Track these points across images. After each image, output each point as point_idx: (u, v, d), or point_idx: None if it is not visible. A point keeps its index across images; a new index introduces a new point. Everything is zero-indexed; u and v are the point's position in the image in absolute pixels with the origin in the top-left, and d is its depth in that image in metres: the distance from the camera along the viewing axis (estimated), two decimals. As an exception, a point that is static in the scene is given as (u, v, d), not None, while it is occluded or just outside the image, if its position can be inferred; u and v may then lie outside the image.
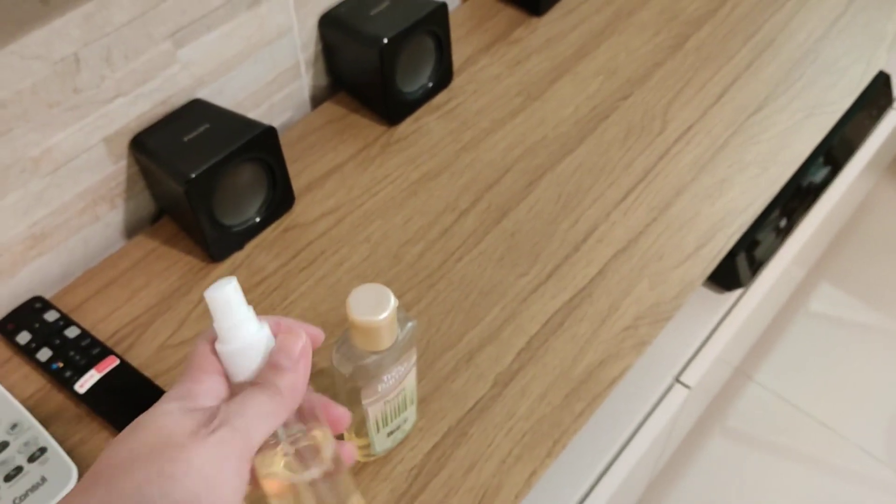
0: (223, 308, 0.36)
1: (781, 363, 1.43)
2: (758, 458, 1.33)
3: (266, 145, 0.67)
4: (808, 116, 0.82)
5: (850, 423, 1.36)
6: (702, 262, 0.71)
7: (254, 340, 0.37)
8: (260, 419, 0.35)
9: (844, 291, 1.53)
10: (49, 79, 0.60)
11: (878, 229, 1.63)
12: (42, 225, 0.66)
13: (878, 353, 1.45)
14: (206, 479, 0.31)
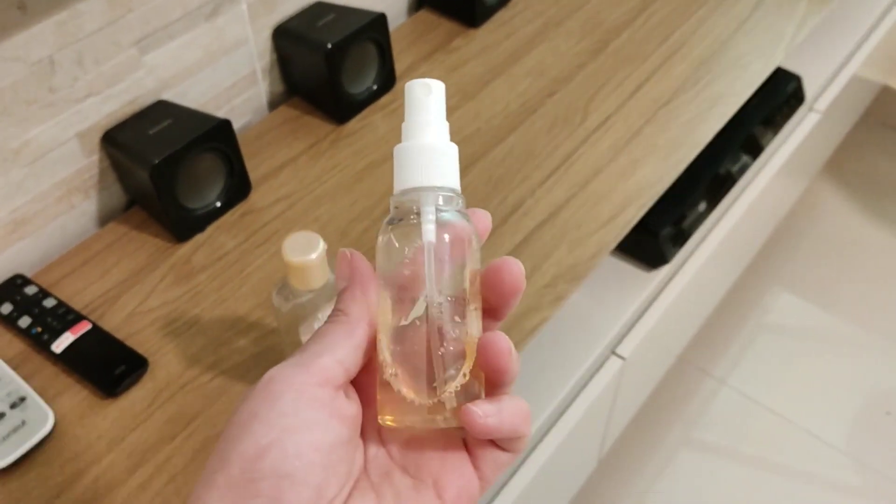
0: (419, 100, 0.32)
1: (738, 363, 1.51)
2: (717, 456, 1.40)
3: (222, 136, 0.76)
4: (713, 106, 0.92)
5: (811, 419, 1.44)
6: (615, 228, 0.79)
7: (439, 148, 0.32)
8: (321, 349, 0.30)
9: (796, 295, 1.62)
10: (27, 78, 0.69)
11: (825, 233, 1.73)
12: (22, 211, 0.74)
13: (829, 354, 1.54)
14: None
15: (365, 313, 0.31)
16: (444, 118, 0.33)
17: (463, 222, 0.32)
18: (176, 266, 0.77)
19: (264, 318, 0.72)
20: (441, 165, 0.32)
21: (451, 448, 0.32)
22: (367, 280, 0.32)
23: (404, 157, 0.32)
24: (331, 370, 0.29)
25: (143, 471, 0.63)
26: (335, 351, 0.30)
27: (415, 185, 0.31)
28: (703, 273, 1.10)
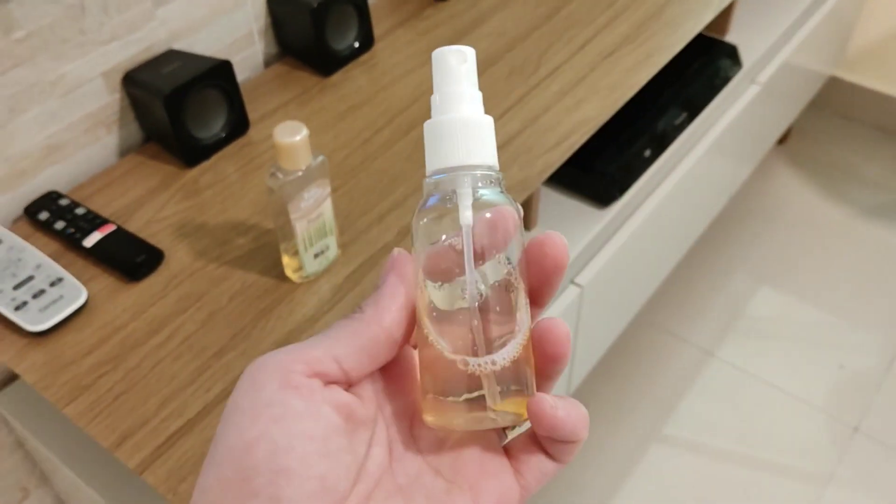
0: (449, 69, 0.31)
1: (710, 334, 1.64)
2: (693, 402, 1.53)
3: (224, 74, 0.90)
4: (649, 57, 1.06)
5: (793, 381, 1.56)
6: (560, 151, 0.93)
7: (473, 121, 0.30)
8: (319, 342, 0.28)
9: (756, 276, 1.75)
10: (62, 20, 0.83)
11: (783, 215, 1.87)
12: (56, 138, 0.88)
13: (793, 327, 1.67)
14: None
15: (382, 315, 0.29)
16: (476, 88, 0.31)
17: (503, 202, 0.30)
18: (185, 185, 0.90)
19: (261, 222, 0.86)
20: (477, 141, 0.30)
21: (490, 452, 0.30)
22: (398, 283, 0.30)
23: (437, 133, 0.30)
24: (322, 363, 0.27)
25: (161, 334, 0.76)
26: (333, 346, 0.28)
27: (450, 165, 0.30)
28: (656, 218, 1.23)
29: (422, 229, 0.30)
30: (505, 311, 0.29)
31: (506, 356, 0.29)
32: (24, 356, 0.74)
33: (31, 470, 1.05)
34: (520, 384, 0.29)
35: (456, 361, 0.29)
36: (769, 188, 1.92)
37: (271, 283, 0.79)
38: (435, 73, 0.31)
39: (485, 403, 0.29)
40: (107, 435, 0.68)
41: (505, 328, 0.29)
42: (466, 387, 0.29)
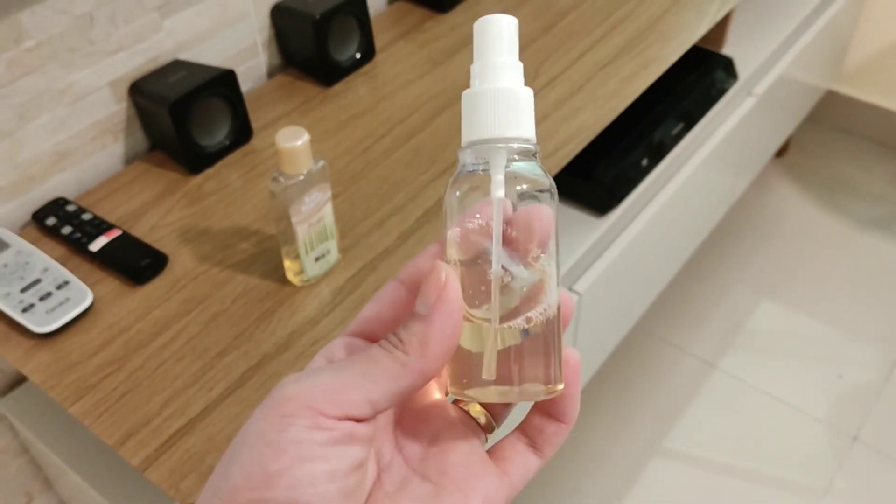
0: (490, 38, 0.30)
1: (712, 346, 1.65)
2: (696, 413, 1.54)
3: (228, 83, 0.92)
4: (645, 67, 1.08)
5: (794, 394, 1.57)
6: (557, 158, 0.94)
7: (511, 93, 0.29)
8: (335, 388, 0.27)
9: (755, 288, 1.77)
10: (71, 29, 0.85)
11: (782, 228, 1.89)
12: (65, 145, 0.90)
13: (792, 339, 1.68)
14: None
15: (426, 362, 0.27)
16: (517, 58, 0.30)
17: (539, 174, 0.29)
18: (189, 192, 0.92)
19: (263, 227, 0.87)
20: (514, 113, 0.29)
21: (475, 453, 0.30)
22: (448, 322, 0.28)
23: (474, 103, 0.29)
24: (358, 408, 0.27)
25: (165, 336, 0.77)
26: (372, 390, 0.27)
27: (485, 137, 0.29)
28: (654, 227, 1.25)
29: (456, 201, 0.30)
30: (533, 293, 0.29)
31: (532, 315, 0.29)
32: (30, 357, 0.76)
33: (35, 475, 1.06)
34: (545, 356, 0.30)
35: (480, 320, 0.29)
36: (768, 200, 1.93)
37: (273, 287, 0.81)
38: (476, 42, 0.30)
39: (510, 377, 0.29)
40: (111, 433, 0.69)
41: (532, 304, 0.29)
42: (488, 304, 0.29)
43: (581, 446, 1.47)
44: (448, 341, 0.28)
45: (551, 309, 0.30)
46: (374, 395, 0.27)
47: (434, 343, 0.27)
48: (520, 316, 0.29)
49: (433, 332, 0.28)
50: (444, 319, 0.28)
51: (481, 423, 0.33)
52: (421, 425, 0.31)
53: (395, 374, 0.27)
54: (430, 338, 0.27)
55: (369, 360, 0.27)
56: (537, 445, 0.32)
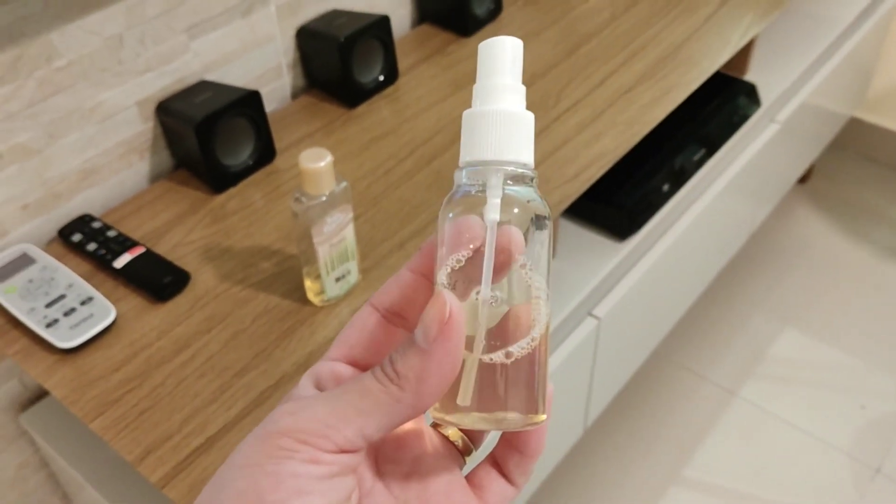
0: (494, 60, 0.30)
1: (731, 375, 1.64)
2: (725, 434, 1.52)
3: (252, 104, 0.93)
4: (666, 94, 1.08)
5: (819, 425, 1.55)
6: (578, 183, 0.95)
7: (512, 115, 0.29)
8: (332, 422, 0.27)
9: (778, 315, 1.75)
10: (101, 50, 0.86)
11: (806, 254, 1.87)
12: (92, 162, 0.91)
13: (814, 368, 1.66)
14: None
15: (422, 399, 0.27)
16: (520, 81, 0.30)
17: (534, 200, 0.30)
18: (213, 210, 0.93)
19: (284, 247, 0.88)
20: (514, 137, 0.29)
21: (455, 481, 0.31)
22: (448, 359, 0.27)
23: (473, 123, 0.29)
24: (352, 443, 0.27)
25: (186, 353, 0.78)
26: (365, 425, 0.27)
27: (482, 158, 0.29)
28: (674, 253, 1.24)
29: (449, 223, 0.30)
30: (519, 318, 0.29)
31: (513, 350, 0.29)
32: (53, 372, 0.76)
33: (53, 490, 1.07)
34: (525, 387, 0.29)
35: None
36: (790, 227, 1.92)
37: (293, 306, 0.81)
38: (479, 63, 0.30)
39: (490, 405, 0.29)
40: (131, 449, 0.70)
41: (517, 332, 0.29)
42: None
43: (598, 473, 1.46)
44: (447, 379, 0.27)
45: (535, 341, 0.29)
46: (367, 430, 0.27)
47: (432, 380, 0.27)
48: (501, 349, 0.29)
49: (432, 369, 0.27)
50: (444, 357, 0.27)
51: (458, 446, 0.33)
52: (400, 451, 0.31)
53: (388, 408, 0.27)
54: (429, 374, 0.27)
55: (363, 394, 0.27)
56: (507, 475, 0.31)
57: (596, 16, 1.25)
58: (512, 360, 0.29)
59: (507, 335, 0.29)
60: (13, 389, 0.95)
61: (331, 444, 0.26)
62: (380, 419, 0.27)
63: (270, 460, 0.26)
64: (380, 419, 0.27)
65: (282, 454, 0.26)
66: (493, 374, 0.29)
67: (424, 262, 0.31)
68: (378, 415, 0.27)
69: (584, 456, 1.47)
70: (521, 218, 0.29)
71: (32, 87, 0.82)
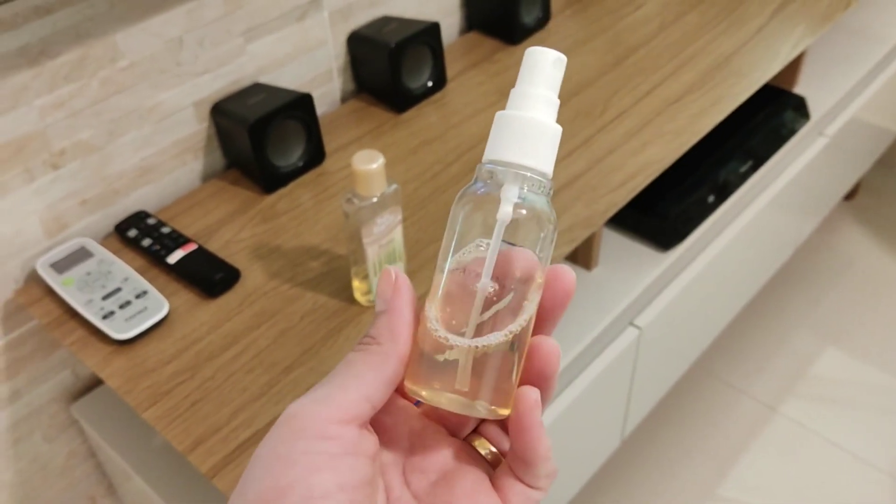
0: (535, 69, 0.31)
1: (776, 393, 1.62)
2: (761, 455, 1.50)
3: (304, 106, 0.95)
4: (714, 104, 1.08)
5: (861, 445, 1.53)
6: (625, 191, 0.95)
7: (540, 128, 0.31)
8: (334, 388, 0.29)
9: (824, 336, 1.73)
10: (162, 52, 0.89)
11: (853, 275, 1.84)
12: (149, 161, 0.94)
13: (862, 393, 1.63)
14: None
15: (399, 346, 0.30)
16: (556, 95, 0.31)
17: (544, 209, 0.31)
18: (263, 210, 0.95)
19: (333, 247, 0.89)
20: (540, 146, 0.30)
21: (481, 484, 0.31)
22: (406, 309, 0.30)
23: (506, 125, 0.31)
24: (357, 406, 0.28)
25: (235, 348, 0.79)
26: (362, 386, 0.29)
27: (506, 159, 0.30)
28: (717, 265, 1.24)
29: (461, 210, 0.31)
30: (508, 313, 0.31)
31: (486, 341, 0.30)
32: (108, 362, 0.79)
33: (99, 480, 1.10)
34: (497, 379, 0.31)
35: (438, 334, 0.31)
36: (836, 244, 1.89)
37: (340, 305, 0.83)
38: (522, 69, 0.32)
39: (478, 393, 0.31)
40: (182, 439, 0.71)
41: (500, 325, 0.31)
42: (443, 353, 0.31)
43: (634, 485, 1.45)
44: (411, 324, 0.31)
45: (511, 335, 0.31)
46: (366, 390, 0.29)
47: (401, 328, 0.30)
48: (483, 337, 0.31)
49: (397, 319, 0.30)
50: (403, 306, 0.31)
51: (488, 459, 0.33)
52: (428, 461, 0.32)
53: (377, 365, 0.30)
54: (397, 324, 0.30)
55: (350, 364, 0.30)
56: (523, 481, 0.31)
57: (645, 26, 1.25)
58: (491, 349, 0.31)
59: (493, 326, 0.31)
60: (66, 380, 0.97)
61: (338, 412, 0.28)
62: (373, 377, 0.29)
63: (282, 443, 0.27)
64: (373, 377, 0.29)
65: (293, 435, 0.27)
66: (469, 361, 0.31)
67: None
68: (371, 374, 0.29)
69: (620, 467, 1.46)
70: (527, 220, 0.31)
71: (96, 87, 0.85)
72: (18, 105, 0.80)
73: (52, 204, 0.87)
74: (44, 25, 0.79)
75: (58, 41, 0.81)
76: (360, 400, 0.29)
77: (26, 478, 0.99)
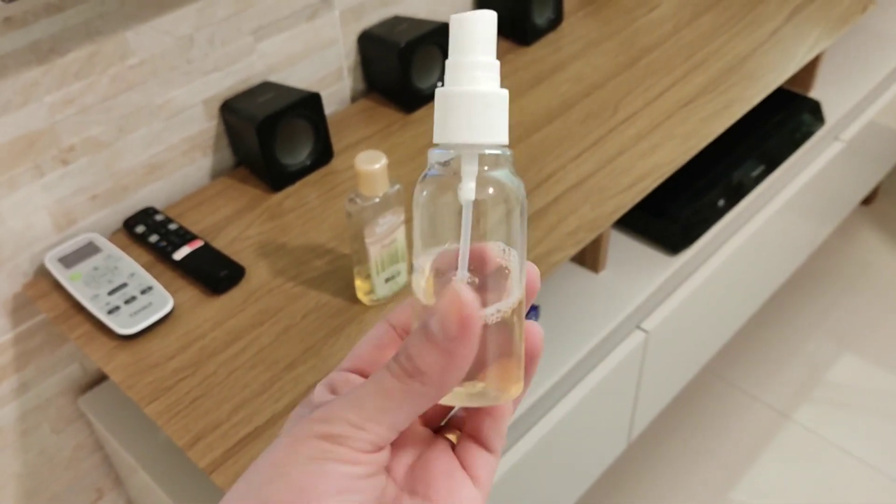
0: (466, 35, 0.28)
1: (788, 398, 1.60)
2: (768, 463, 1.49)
3: (312, 105, 0.95)
4: (727, 108, 1.07)
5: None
6: (632, 193, 0.94)
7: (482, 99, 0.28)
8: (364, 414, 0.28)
9: (841, 342, 1.71)
10: (172, 49, 0.90)
11: (870, 279, 1.82)
12: (158, 157, 0.95)
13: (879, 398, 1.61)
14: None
15: (445, 391, 0.28)
16: (493, 57, 0.29)
17: (510, 182, 0.29)
18: (270, 208, 0.95)
19: (338, 246, 0.90)
20: (487, 118, 0.28)
21: (452, 463, 0.32)
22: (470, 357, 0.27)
23: (446, 103, 0.29)
24: (386, 438, 0.28)
25: (238, 344, 0.80)
26: (396, 421, 0.28)
27: (454, 141, 0.29)
28: (728, 269, 1.22)
29: (422, 203, 0.30)
30: (496, 296, 0.30)
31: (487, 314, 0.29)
32: (112, 357, 0.79)
33: (106, 472, 1.11)
34: (501, 353, 0.30)
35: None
36: (852, 249, 1.87)
37: (343, 304, 0.83)
38: (451, 39, 0.29)
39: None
40: (182, 435, 0.72)
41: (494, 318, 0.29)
42: None
43: (640, 489, 1.44)
44: (465, 369, 0.27)
45: (501, 313, 0.30)
46: (398, 424, 0.28)
47: (453, 375, 0.27)
48: None
49: (452, 364, 0.27)
50: (465, 353, 0.27)
51: (454, 442, 0.34)
52: (402, 444, 0.32)
53: (413, 402, 0.28)
54: (449, 368, 0.27)
55: (385, 394, 0.28)
56: (484, 443, 0.32)
57: (658, 27, 1.24)
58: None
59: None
60: (74, 373, 0.98)
61: (366, 444, 0.27)
62: (407, 413, 0.28)
63: (312, 461, 0.27)
64: (407, 413, 0.28)
65: (322, 455, 0.27)
66: None
67: None
68: (405, 410, 0.28)
69: (628, 471, 1.45)
70: (495, 198, 0.29)
71: (106, 83, 0.86)
72: (29, 101, 0.81)
73: (61, 199, 0.88)
74: (54, 23, 0.80)
75: (68, 38, 0.81)
76: (390, 432, 0.28)
77: (34, 469, 1.01)
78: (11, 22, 0.77)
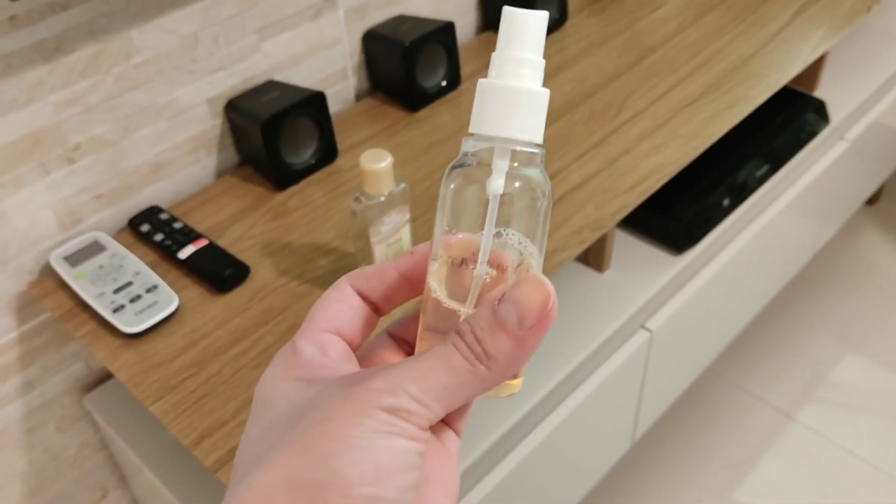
0: (516, 30, 0.29)
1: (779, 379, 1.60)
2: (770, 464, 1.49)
3: (317, 104, 0.95)
4: (730, 107, 1.07)
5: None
6: (636, 194, 0.94)
7: (524, 99, 0.29)
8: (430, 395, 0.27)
9: (843, 341, 1.71)
10: (177, 48, 0.90)
11: (873, 280, 1.82)
12: (163, 156, 0.95)
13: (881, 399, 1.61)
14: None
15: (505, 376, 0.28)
16: (540, 56, 0.29)
17: (539, 180, 0.30)
18: (274, 207, 0.96)
19: (342, 245, 0.90)
20: (526, 114, 0.29)
21: (439, 444, 0.32)
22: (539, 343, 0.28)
23: (488, 95, 0.29)
24: (439, 416, 0.28)
25: (242, 344, 0.80)
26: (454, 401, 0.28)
27: (491, 133, 0.29)
28: (732, 269, 1.22)
29: (449, 191, 0.30)
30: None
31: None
32: (117, 355, 0.79)
33: (111, 471, 1.11)
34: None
35: (452, 308, 0.30)
36: (856, 249, 1.87)
37: (348, 303, 0.83)
38: (501, 32, 0.29)
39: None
40: (187, 433, 0.72)
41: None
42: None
43: (644, 489, 1.44)
44: (527, 360, 0.28)
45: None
46: (453, 406, 0.28)
47: (519, 362, 0.28)
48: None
49: (522, 354, 0.28)
50: (535, 344, 0.28)
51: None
52: None
53: (473, 386, 0.28)
54: (518, 357, 0.28)
55: (451, 372, 0.27)
56: (452, 426, 0.32)
57: (662, 27, 1.24)
58: None
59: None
60: (79, 371, 0.99)
61: (425, 421, 0.27)
62: (465, 395, 0.28)
63: (380, 436, 0.26)
64: (465, 395, 0.28)
65: (389, 430, 0.26)
66: None
67: (414, 267, 0.32)
68: (464, 392, 0.27)
69: (632, 471, 1.45)
70: (521, 191, 0.29)
71: (111, 82, 0.86)
72: (34, 100, 0.81)
73: (66, 198, 0.88)
74: (59, 21, 0.80)
75: (73, 37, 0.82)
76: (444, 411, 0.28)
77: (39, 467, 1.01)
78: (16, 21, 0.77)
